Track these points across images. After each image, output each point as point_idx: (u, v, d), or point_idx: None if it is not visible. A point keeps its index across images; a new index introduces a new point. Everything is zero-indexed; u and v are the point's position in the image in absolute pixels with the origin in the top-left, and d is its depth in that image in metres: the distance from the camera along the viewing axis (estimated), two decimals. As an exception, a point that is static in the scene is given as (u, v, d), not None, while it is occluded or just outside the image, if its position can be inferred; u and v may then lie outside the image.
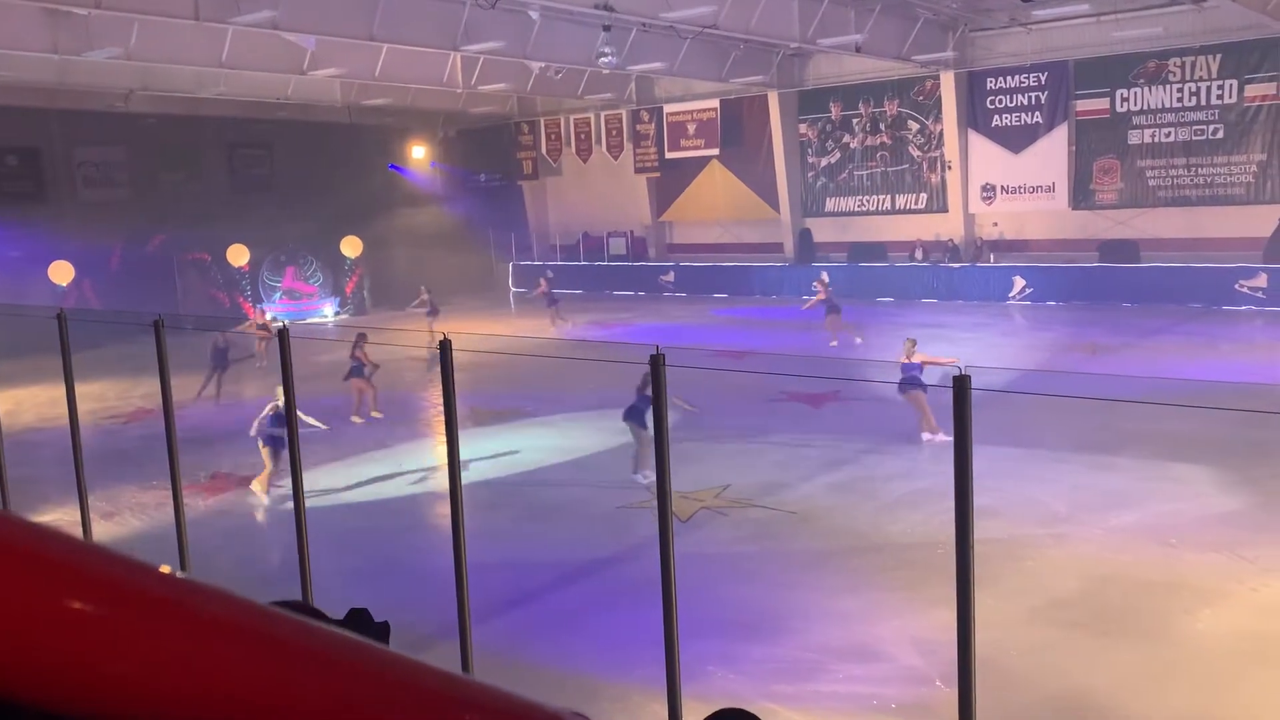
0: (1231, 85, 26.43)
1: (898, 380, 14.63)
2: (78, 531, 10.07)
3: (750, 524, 11.62)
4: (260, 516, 13.00)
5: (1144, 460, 13.08)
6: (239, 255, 32.66)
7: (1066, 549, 10.32)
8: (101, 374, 20.72)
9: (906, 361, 14.41)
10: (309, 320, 32.39)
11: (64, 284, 28.89)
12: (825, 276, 25.99)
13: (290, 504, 8.56)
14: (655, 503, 6.03)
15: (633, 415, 12.85)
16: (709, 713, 2.38)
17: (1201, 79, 26.80)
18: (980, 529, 5.04)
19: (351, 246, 34.62)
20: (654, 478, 12.23)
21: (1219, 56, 26.37)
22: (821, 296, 23.52)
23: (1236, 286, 25.85)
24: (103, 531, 11.90)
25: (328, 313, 34.31)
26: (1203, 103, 26.86)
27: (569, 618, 9.29)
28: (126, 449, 16.03)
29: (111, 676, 0.77)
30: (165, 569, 0.88)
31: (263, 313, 27.31)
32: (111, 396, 20.42)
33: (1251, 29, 24.99)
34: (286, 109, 32.49)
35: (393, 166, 38.77)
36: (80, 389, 10.78)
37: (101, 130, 31.44)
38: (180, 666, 0.80)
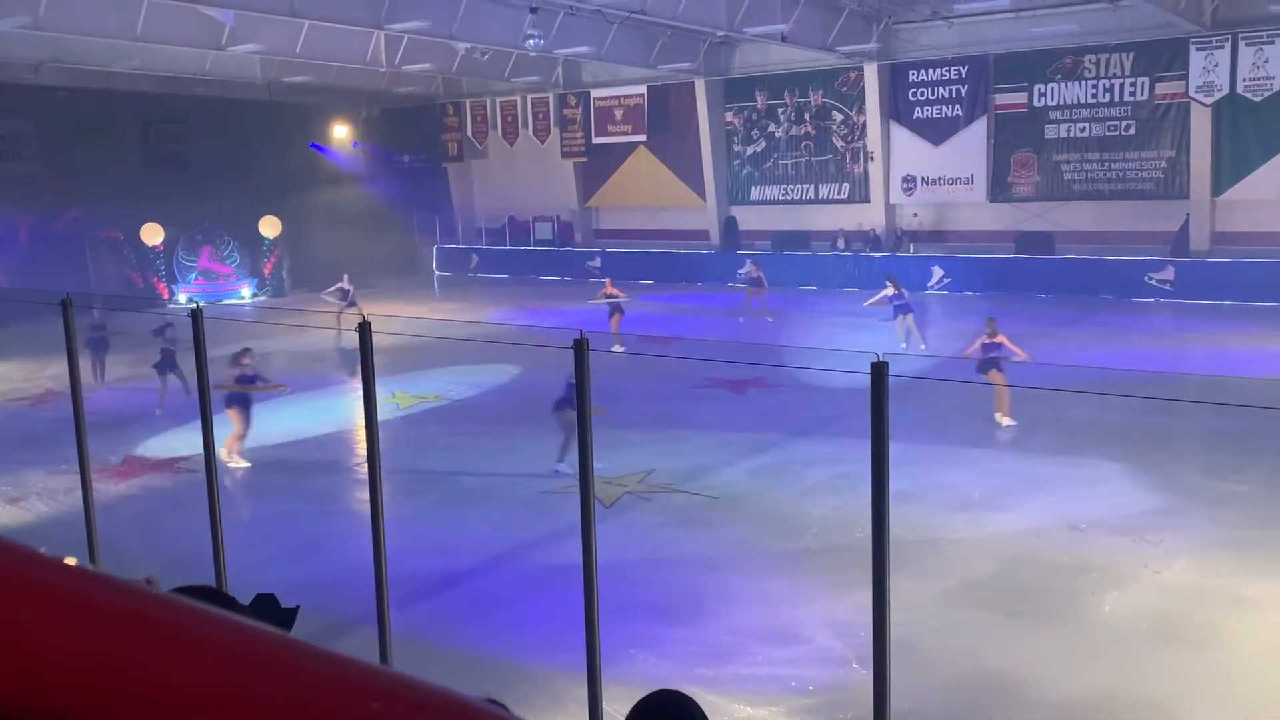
0: (1143, 83, 27.18)
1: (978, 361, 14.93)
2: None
3: (673, 509, 11.70)
4: (174, 499, 12.72)
5: (1054, 446, 13.44)
6: (153, 234, 31.77)
7: (980, 533, 10.58)
8: (8, 354, 20.09)
9: (988, 342, 14.82)
10: (225, 302, 31.71)
11: (-32, 261, 27.92)
12: None
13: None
14: (579, 488, 6.03)
15: (561, 405, 12.83)
16: (638, 697, 2.40)
17: (1115, 76, 27.51)
18: (896, 513, 5.14)
19: (270, 226, 33.84)
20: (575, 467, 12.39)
21: (1132, 55, 27.09)
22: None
23: (1145, 279, 26.61)
24: (8, 517, 11.55)
25: (245, 294, 33.57)
26: (1116, 99, 27.59)
27: (492, 603, 9.27)
28: (34, 432, 15.56)
29: None
30: (71, 561, 0.85)
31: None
32: (18, 378, 19.79)
33: (1163, 29, 25.72)
34: (205, 85, 31.69)
35: (314, 145, 38.05)
36: (-16, 370, 10.44)
37: (9, 102, 30.30)
38: (43, 652, 0.77)
